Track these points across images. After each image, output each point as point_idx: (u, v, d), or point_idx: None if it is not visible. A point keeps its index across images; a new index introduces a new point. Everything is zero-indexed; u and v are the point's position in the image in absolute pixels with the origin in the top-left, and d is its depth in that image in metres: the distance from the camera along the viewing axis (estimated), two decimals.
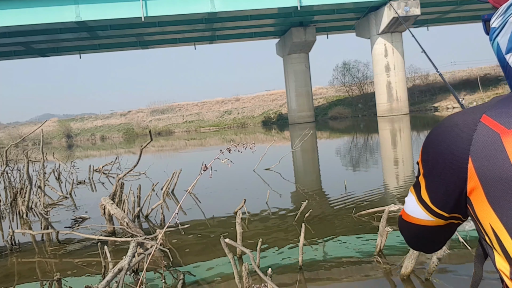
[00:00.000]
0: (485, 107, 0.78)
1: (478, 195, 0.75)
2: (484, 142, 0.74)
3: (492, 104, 0.78)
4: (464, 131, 0.77)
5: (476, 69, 44.59)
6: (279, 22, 33.49)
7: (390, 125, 24.57)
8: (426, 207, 0.86)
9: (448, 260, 3.76)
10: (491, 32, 0.84)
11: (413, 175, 8.35)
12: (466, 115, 0.79)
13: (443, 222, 0.87)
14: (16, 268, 4.94)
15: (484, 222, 0.76)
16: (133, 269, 3.97)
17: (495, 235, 0.75)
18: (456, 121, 0.79)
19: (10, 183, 9.21)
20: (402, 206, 5.08)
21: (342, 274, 3.76)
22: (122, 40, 35.88)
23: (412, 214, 0.90)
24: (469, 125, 0.77)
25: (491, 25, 0.84)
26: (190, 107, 52.77)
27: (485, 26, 0.86)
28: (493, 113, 0.76)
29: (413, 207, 0.89)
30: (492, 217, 0.74)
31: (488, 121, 0.75)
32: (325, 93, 48.62)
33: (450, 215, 0.85)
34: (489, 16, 0.85)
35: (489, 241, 0.77)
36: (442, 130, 0.81)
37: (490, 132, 0.74)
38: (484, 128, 0.75)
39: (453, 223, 0.87)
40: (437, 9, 34.15)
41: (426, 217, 0.87)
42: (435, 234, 0.91)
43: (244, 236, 4.65)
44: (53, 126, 49.38)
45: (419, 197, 0.87)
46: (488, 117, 0.75)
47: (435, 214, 0.86)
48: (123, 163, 14.18)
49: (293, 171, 11.17)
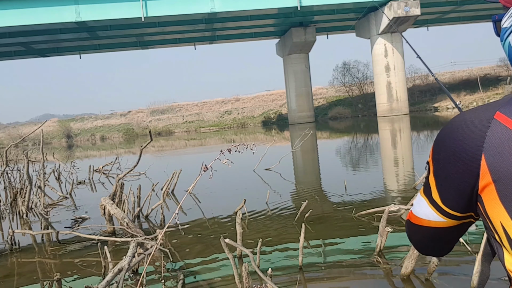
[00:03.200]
0: (499, 104, 0.78)
1: (489, 193, 0.75)
2: (498, 139, 0.74)
3: (505, 101, 0.78)
4: (478, 128, 0.77)
5: (476, 69, 44.56)
6: (279, 22, 33.49)
7: (390, 125, 24.57)
8: (437, 208, 0.86)
9: (448, 260, 3.76)
10: (502, 32, 0.84)
11: (413, 175, 8.35)
12: (478, 112, 0.79)
13: (456, 222, 0.86)
14: (16, 268, 4.94)
15: (495, 220, 0.76)
16: (133, 269, 3.97)
17: (505, 233, 0.75)
18: (469, 118, 0.79)
19: (10, 183, 9.21)
20: (402, 206, 5.08)
21: (342, 274, 3.76)
22: (122, 40, 35.88)
23: (423, 216, 0.89)
24: (482, 122, 0.77)
25: (502, 25, 0.84)
26: (190, 107, 52.77)
27: (495, 27, 0.87)
28: (507, 110, 0.76)
29: (424, 209, 0.88)
30: (503, 215, 0.74)
31: (502, 118, 0.75)
32: (325, 93, 48.60)
33: (462, 215, 0.84)
34: (500, 17, 0.85)
35: (499, 239, 0.77)
36: (454, 128, 0.81)
37: (504, 129, 0.74)
38: (498, 125, 0.75)
39: (465, 223, 0.87)
40: (437, 9, 34.15)
41: (438, 219, 0.87)
42: (447, 235, 0.91)
43: (244, 236, 4.65)
44: (53, 126, 49.37)
45: (429, 198, 0.86)
46: (502, 114, 0.76)
47: (447, 215, 0.85)
48: (123, 163, 14.17)
49: (293, 171, 11.17)
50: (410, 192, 6.76)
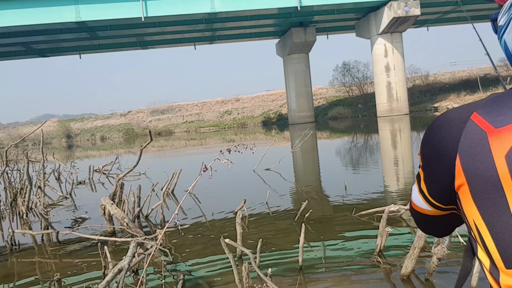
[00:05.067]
0: (478, 104, 0.79)
1: (464, 192, 0.76)
2: (471, 140, 0.74)
3: (485, 101, 0.79)
4: (455, 128, 0.78)
5: (476, 69, 44.50)
6: (279, 22, 33.48)
7: (390, 125, 24.57)
8: (425, 197, 0.88)
9: (448, 260, 3.76)
10: (498, 30, 0.85)
11: (413, 175, 8.36)
12: (459, 112, 0.80)
13: (442, 212, 0.88)
14: (16, 268, 4.94)
15: (469, 218, 0.78)
16: (133, 269, 3.97)
17: (477, 232, 0.76)
18: (450, 117, 0.80)
19: (10, 183, 9.21)
20: (402, 206, 5.09)
21: (342, 274, 3.76)
22: (122, 40, 35.87)
23: (416, 203, 0.93)
24: (459, 122, 0.77)
25: (498, 23, 0.84)
26: (190, 107, 52.74)
27: (493, 26, 0.87)
28: (483, 111, 0.76)
29: (416, 196, 0.92)
30: (475, 214, 0.75)
31: (477, 119, 0.76)
32: (325, 93, 48.57)
33: (445, 207, 0.86)
34: (496, 15, 0.86)
35: (473, 235, 0.79)
36: (436, 126, 0.82)
37: (478, 130, 0.74)
38: (472, 126, 0.75)
39: (455, 213, 0.88)
40: (437, 9, 34.14)
41: (426, 207, 0.90)
42: (438, 222, 0.93)
43: (244, 236, 4.65)
44: (53, 127, 49.34)
45: (419, 187, 0.89)
46: (478, 114, 0.76)
47: (433, 205, 0.88)
48: (123, 164, 14.18)
49: (293, 171, 11.17)
50: (410, 192, 6.75)
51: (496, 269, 0.74)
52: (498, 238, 0.73)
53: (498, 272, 0.74)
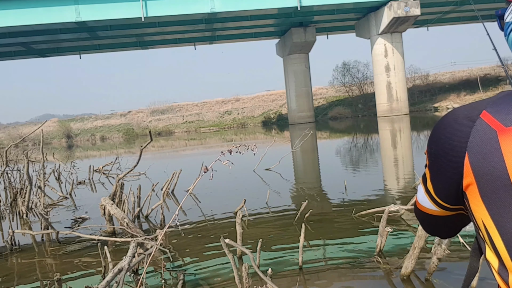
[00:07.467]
0: (487, 102, 0.78)
1: (473, 191, 0.76)
2: (481, 139, 0.73)
3: (494, 99, 0.78)
4: (464, 126, 0.76)
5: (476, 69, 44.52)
6: (279, 22, 33.48)
7: (390, 125, 24.57)
8: (431, 197, 0.87)
9: (448, 260, 3.76)
10: (505, 27, 0.84)
11: (413, 175, 8.36)
12: (468, 110, 0.79)
13: (449, 212, 0.87)
14: (16, 268, 4.94)
15: (477, 218, 0.77)
16: (133, 269, 3.97)
17: (486, 231, 0.75)
18: (458, 115, 0.79)
19: (10, 183, 9.21)
20: (402, 206, 5.09)
21: (342, 274, 3.76)
22: (122, 41, 35.87)
23: (421, 203, 0.92)
24: (468, 121, 0.76)
25: (505, 20, 0.84)
26: (190, 107, 52.73)
27: (499, 22, 0.86)
28: (493, 109, 0.75)
29: (422, 196, 0.91)
30: (484, 213, 0.75)
31: (487, 117, 0.75)
32: (325, 93, 48.58)
33: (453, 207, 0.85)
34: (502, 12, 0.85)
35: (482, 235, 0.78)
36: (445, 124, 0.81)
37: (487, 128, 0.73)
38: (482, 124, 0.74)
39: (463, 214, 0.87)
40: (437, 9, 34.14)
41: (432, 207, 0.88)
42: (445, 223, 0.92)
43: (244, 236, 4.65)
44: (53, 127, 49.35)
45: (425, 187, 0.88)
46: (488, 113, 0.75)
47: (439, 205, 0.86)
48: (123, 164, 14.18)
49: (293, 171, 11.17)
50: (410, 192, 6.76)
51: (505, 270, 0.73)
52: (508, 238, 0.72)
53: (508, 272, 0.73)
